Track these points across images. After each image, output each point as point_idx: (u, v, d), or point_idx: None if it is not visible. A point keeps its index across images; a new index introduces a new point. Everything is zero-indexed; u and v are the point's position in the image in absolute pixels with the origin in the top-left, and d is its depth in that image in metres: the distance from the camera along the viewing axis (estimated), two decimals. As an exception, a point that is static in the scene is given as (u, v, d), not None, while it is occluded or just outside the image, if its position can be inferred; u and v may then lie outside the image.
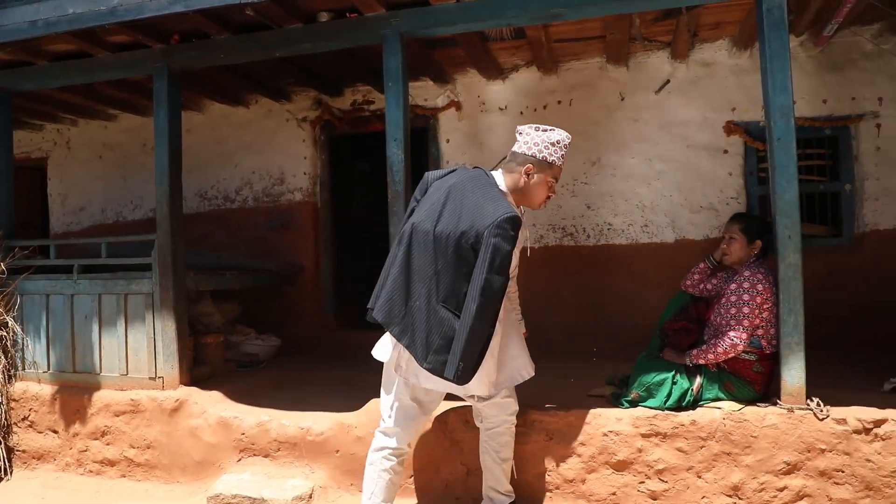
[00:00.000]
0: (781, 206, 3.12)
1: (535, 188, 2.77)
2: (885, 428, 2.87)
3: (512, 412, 3.01)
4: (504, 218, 2.47)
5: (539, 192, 2.79)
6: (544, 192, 2.80)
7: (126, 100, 5.64)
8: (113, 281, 4.24)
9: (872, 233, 4.82)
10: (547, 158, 2.74)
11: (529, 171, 2.74)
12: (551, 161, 2.75)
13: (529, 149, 2.76)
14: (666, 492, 3.09)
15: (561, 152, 2.78)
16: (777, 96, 3.15)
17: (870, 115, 4.81)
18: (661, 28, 4.54)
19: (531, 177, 2.75)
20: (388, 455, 2.86)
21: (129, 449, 3.99)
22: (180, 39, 4.05)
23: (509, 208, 2.53)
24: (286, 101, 5.89)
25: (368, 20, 3.71)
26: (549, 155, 2.75)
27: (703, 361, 3.17)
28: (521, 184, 2.76)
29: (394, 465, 2.87)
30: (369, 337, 5.60)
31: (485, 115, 5.52)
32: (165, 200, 4.12)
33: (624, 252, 5.22)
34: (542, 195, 2.81)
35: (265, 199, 6.01)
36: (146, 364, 4.14)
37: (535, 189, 2.78)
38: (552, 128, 2.79)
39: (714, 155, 5.06)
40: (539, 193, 2.79)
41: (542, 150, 2.74)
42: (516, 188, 2.77)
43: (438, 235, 2.56)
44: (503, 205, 2.54)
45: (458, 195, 2.63)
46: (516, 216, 2.51)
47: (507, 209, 2.51)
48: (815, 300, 3.37)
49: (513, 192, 2.78)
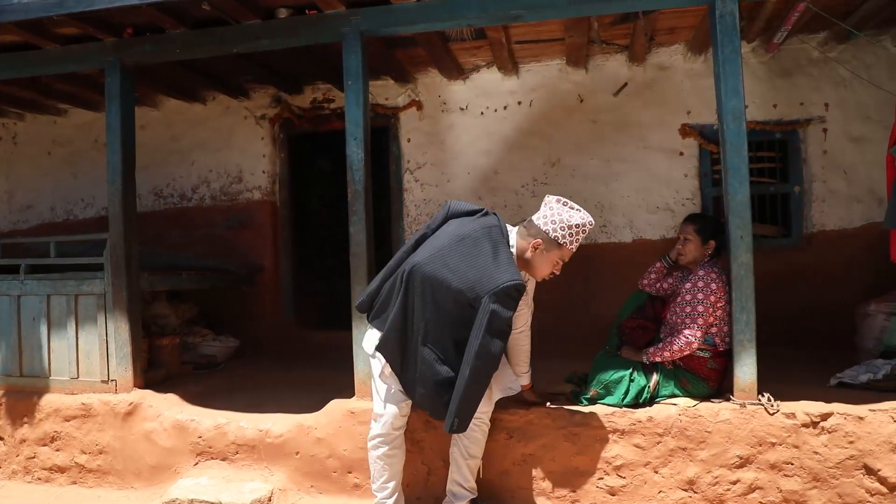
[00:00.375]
0: (734, 207, 3.20)
1: (540, 263, 2.85)
2: (830, 421, 2.98)
3: (484, 411, 3.04)
4: (508, 286, 2.57)
5: (544, 267, 2.87)
6: (549, 268, 2.87)
7: (76, 94, 5.47)
8: (62, 281, 4.12)
9: (819, 233, 5.00)
10: (559, 240, 2.81)
11: (538, 245, 2.82)
12: (562, 243, 2.82)
13: (545, 224, 2.82)
14: (624, 487, 3.15)
15: (578, 236, 2.84)
16: (729, 100, 3.24)
17: (817, 120, 4.99)
18: (619, 32, 4.61)
19: (538, 251, 2.83)
20: (378, 443, 3.01)
21: (80, 455, 3.87)
22: (134, 33, 3.95)
23: (515, 275, 2.63)
24: (244, 98, 5.79)
25: (328, 17, 3.68)
26: (562, 237, 2.81)
27: (660, 359, 3.24)
28: (528, 255, 2.84)
29: (385, 451, 3.00)
30: (330, 337, 5.64)
31: (446, 115, 5.53)
32: (118, 199, 4.01)
33: (583, 252, 5.26)
34: (546, 271, 2.88)
35: (223, 198, 5.90)
36: (98, 367, 4.02)
37: (541, 263, 2.86)
38: (578, 209, 2.85)
39: (670, 157, 5.17)
40: (543, 268, 2.87)
41: (557, 231, 2.81)
42: (523, 256, 2.86)
43: (440, 282, 2.68)
44: (509, 271, 2.64)
45: (468, 248, 2.72)
46: (520, 284, 2.61)
47: (511, 276, 2.61)
48: (766, 299, 3.48)
49: (520, 258, 2.86)
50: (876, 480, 2.92)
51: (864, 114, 4.91)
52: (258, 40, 3.83)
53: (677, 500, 3.09)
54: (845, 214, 4.97)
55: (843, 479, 2.95)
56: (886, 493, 2.91)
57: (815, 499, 2.97)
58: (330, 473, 3.45)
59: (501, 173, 5.41)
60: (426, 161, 5.56)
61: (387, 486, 3.04)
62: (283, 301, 5.86)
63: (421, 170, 5.57)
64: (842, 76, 4.91)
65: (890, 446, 2.91)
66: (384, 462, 3.02)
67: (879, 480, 2.92)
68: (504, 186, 5.41)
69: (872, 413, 2.96)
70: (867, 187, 4.92)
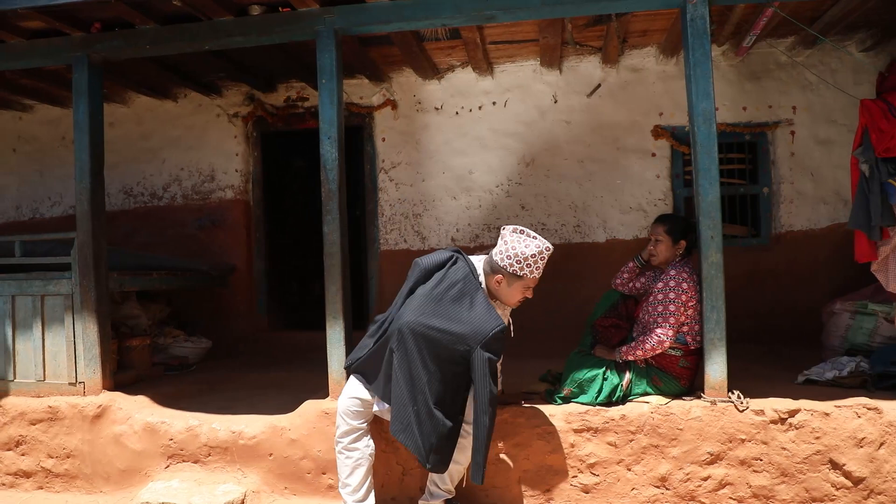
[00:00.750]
0: (704, 207, 3.25)
1: (507, 295, 3.01)
2: (798, 417, 3.04)
3: (469, 421, 3.03)
4: (494, 333, 2.77)
5: (512, 296, 3.01)
6: (518, 295, 3.02)
7: (43, 90, 5.35)
8: (28, 281, 4.02)
9: (787, 233, 5.11)
10: (517, 273, 2.93)
11: (500, 280, 2.97)
12: (521, 275, 2.93)
13: (502, 260, 2.94)
14: (598, 485, 3.18)
15: (536, 265, 2.94)
16: (700, 102, 3.29)
17: (785, 123, 5.10)
18: (593, 33, 4.66)
19: (502, 286, 2.98)
20: (346, 445, 3.07)
21: (46, 459, 3.79)
22: (102, 28, 3.87)
23: (497, 320, 2.82)
24: (217, 96, 5.72)
25: (302, 15, 3.65)
26: (520, 269, 2.92)
27: (632, 357, 3.28)
28: (494, 289, 3.02)
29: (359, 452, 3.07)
30: (303, 337, 5.60)
31: (420, 115, 5.52)
32: (86, 197, 3.94)
33: (557, 251, 5.29)
34: (516, 298, 3.03)
35: (195, 197, 5.82)
36: (66, 369, 3.94)
37: (508, 294, 3.01)
38: (534, 237, 2.96)
39: (643, 157, 5.23)
40: (512, 297, 3.02)
41: (514, 265, 2.92)
42: (490, 292, 3.04)
43: (431, 341, 2.80)
44: (491, 318, 2.82)
45: (451, 306, 2.87)
46: (503, 327, 2.81)
47: (494, 323, 2.79)
48: (736, 297, 3.55)
49: (490, 294, 3.04)
50: (841, 474, 2.99)
51: (829, 117, 5.03)
52: (231, 37, 3.78)
53: (650, 497, 3.13)
54: (812, 215, 5.09)
55: (809, 474, 3.02)
56: (851, 487, 2.98)
57: (783, 493, 3.03)
58: (304, 475, 3.43)
59: (476, 173, 5.43)
60: (401, 160, 5.55)
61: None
62: (257, 301, 5.81)
63: (396, 169, 5.56)
64: (808, 80, 5.02)
65: (854, 441, 2.98)
66: (355, 458, 3.09)
67: (844, 474, 2.99)
68: (479, 186, 5.42)
69: (838, 409, 3.03)
70: (833, 189, 5.04)
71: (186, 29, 3.80)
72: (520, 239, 2.95)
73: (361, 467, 3.09)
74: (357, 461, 3.08)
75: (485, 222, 5.40)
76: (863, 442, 2.98)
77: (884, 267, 3.69)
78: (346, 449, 3.09)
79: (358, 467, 3.08)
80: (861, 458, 2.98)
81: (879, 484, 2.96)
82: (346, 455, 3.09)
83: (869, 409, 3.01)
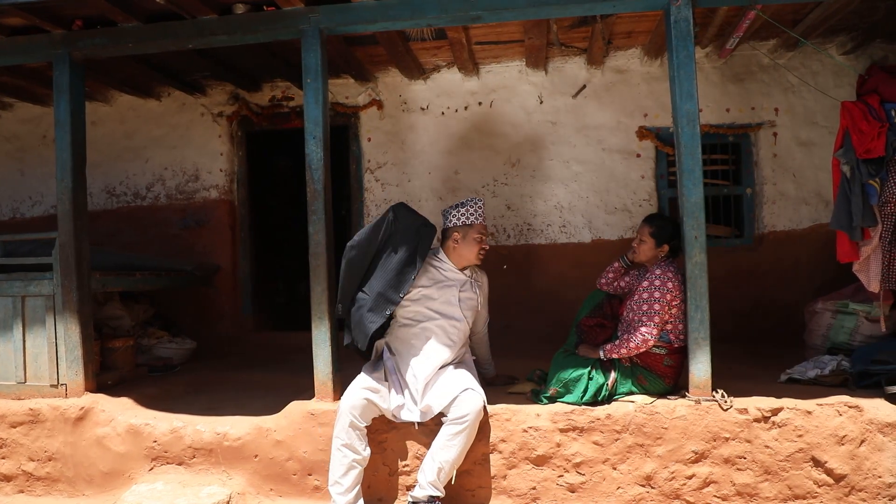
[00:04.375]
0: (688, 208, 3.28)
1: (467, 249, 3.43)
2: (781, 416, 3.08)
3: (458, 416, 3.11)
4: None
5: (471, 249, 3.43)
6: (475, 246, 3.43)
7: (23, 87, 5.27)
8: (8, 282, 3.97)
9: (770, 234, 5.16)
10: (465, 222, 3.43)
11: (456, 238, 3.43)
12: (469, 223, 3.42)
13: (449, 221, 3.47)
14: (583, 484, 3.19)
15: (474, 212, 3.44)
16: (684, 103, 3.31)
17: (767, 125, 5.15)
18: (578, 35, 4.68)
19: (459, 243, 3.42)
20: (345, 443, 3.16)
21: (27, 462, 3.74)
22: (84, 26, 3.83)
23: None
24: (201, 95, 5.67)
25: (287, 14, 3.63)
26: (466, 218, 3.43)
27: (616, 355, 3.29)
28: (455, 251, 3.44)
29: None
30: (289, 338, 5.58)
31: (406, 115, 5.52)
32: (68, 196, 3.89)
33: (543, 252, 5.35)
34: (475, 250, 3.44)
35: (179, 197, 5.77)
36: (47, 371, 3.90)
37: (467, 249, 3.43)
38: (461, 200, 3.57)
39: (627, 158, 5.27)
40: (472, 250, 3.43)
41: (459, 218, 3.44)
42: (453, 252, 3.45)
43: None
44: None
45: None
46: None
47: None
48: (719, 297, 3.58)
49: (452, 257, 3.46)
50: (823, 472, 3.03)
51: (811, 119, 5.10)
52: (215, 36, 3.75)
53: (635, 496, 3.15)
54: (794, 216, 5.14)
55: (792, 472, 3.05)
56: (833, 484, 3.02)
57: (766, 491, 3.07)
58: (290, 476, 3.41)
59: (462, 173, 5.43)
60: (387, 160, 5.54)
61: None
62: (242, 302, 5.77)
63: (381, 169, 5.55)
64: (791, 82, 5.08)
65: (836, 439, 3.02)
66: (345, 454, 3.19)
67: (826, 472, 3.03)
68: (464, 186, 5.42)
69: (820, 407, 3.07)
70: (815, 190, 5.10)
71: (170, 27, 3.77)
72: (451, 208, 3.49)
73: (355, 469, 3.12)
74: (353, 462, 3.10)
75: (471, 222, 5.40)
76: (844, 440, 3.02)
77: (865, 267, 3.74)
78: (346, 447, 3.09)
79: (352, 468, 3.10)
80: (842, 455, 3.02)
81: (860, 481, 3.01)
82: (343, 454, 3.09)
83: (850, 408, 3.05)
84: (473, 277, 3.53)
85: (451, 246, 3.44)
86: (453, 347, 3.38)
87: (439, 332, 3.36)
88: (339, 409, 3.20)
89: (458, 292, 3.43)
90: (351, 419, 3.13)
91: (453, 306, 3.39)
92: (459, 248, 3.42)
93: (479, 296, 3.53)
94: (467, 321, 3.45)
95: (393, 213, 3.35)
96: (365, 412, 3.17)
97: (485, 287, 3.61)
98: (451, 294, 3.41)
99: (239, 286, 5.77)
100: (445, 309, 3.39)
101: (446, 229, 3.46)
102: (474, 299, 3.49)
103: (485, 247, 3.45)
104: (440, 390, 3.20)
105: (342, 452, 3.11)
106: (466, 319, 3.44)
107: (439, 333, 3.35)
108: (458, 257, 3.44)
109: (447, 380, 3.25)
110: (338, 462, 3.12)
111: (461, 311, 3.41)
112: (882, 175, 3.59)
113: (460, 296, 3.43)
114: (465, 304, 3.43)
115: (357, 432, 3.14)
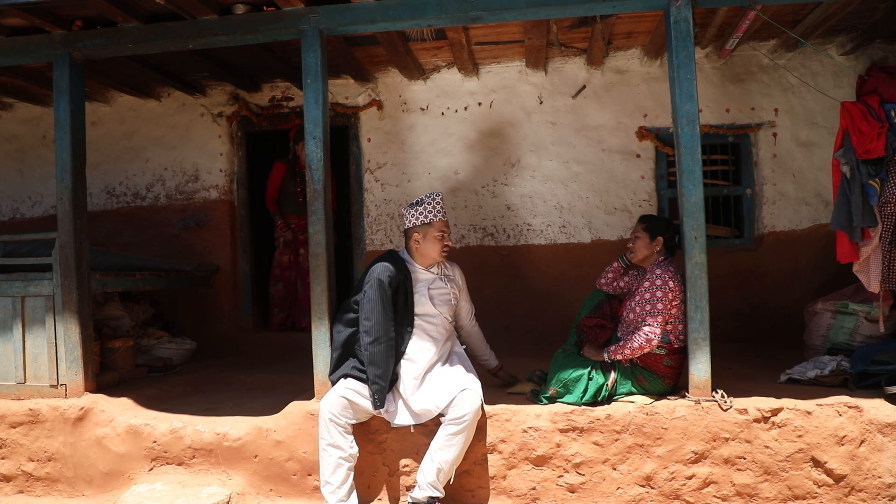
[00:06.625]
0: (688, 208, 3.28)
1: (429, 248, 3.44)
2: (781, 416, 3.08)
3: (456, 416, 3.12)
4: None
5: (433, 247, 3.43)
6: (437, 244, 3.43)
7: (23, 88, 5.27)
8: (8, 283, 3.97)
9: (770, 234, 5.16)
10: (424, 221, 3.41)
11: (417, 238, 3.44)
12: (428, 221, 3.41)
13: (409, 222, 3.46)
14: (583, 484, 3.19)
15: (431, 209, 3.42)
16: (684, 104, 3.31)
17: (767, 125, 5.15)
18: (578, 35, 4.68)
19: (420, 243, 3.43)
20: (330, 442, 3.18)
21: (27, 463, 3.74)
22: (84, 26, 3.83)
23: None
24: (201, 95, 5.67)
25: (286, 15, 3.63)
26: (425, 217, 3.41)
27: (620, 357, 3.29)
28: (417, 251, 3.46)
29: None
30: (289, 339, 5.56)
31: (406, 115, 5.51)
32: (67, 197, 3.89)
33: (543, 252, 5.34)
34: (437, 248, 3.43)
35: (178, 197, 5.76)
36: (47, 371, 3.89)
37: (430, 248, 3.44)
38: (419, 198, 3.50)
39: (627, 158, 5.27)
40: (434, 248, 3.43)
41: (412, 219, 3.43)
42: (416, 253, 3.47)
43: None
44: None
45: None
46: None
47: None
48: (719, 297, 3.58)
49: (416, 257, 3.48)
50: (823, 472, 3.03)
51: (811, 119, 5.09)
52: (215, 36, 3.75)
53: (635, 496, 3.15)
54: (794, 216, 5.14)
55: (792, 472, 3.05)
56: (833, 485, 3.02)
57: (766, 491, 3.07)
58: (289, 476, 3.41)
59: (462, 174, 5.43)
60: (387, 161, 5.54)
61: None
62: (241, 302, 5.77)
63: (381, 170, 5.55)
64: (790, 83, 5.08)
65: (836, 439, 3.02)
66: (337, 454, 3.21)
67: (826, 472, 3.03)
68: (464, 187, 5.42)
69: (819, 408, 3.07)
70: (814, 190, 5.10)
71: (170, 28, 3.77)
72: (409, 206, 3.47)
73: (342, 467, 3.13)
74: (339, 460, 3.10)
75: (471, 223, 5.41)
76: (844, 440, 3.02)
77: (865, 267, 3.74)
78: (330, 446, 3.11)
79: (339, 466, 3.12)
80: (842, 455, 3.02)
81: (860, 481, 3.01)
82: (328, 453, 3.11)
83: (850, 408, 3.06)
84: (441, 272, 3.54)
85: (413, 247, 3.46)
86: (437, 343, 3.40)
87: (418, 331, 3.39)
88: (319, 410, 3.24)
89: (428, 290, 3.45)
90: (329, 416, 3.17)
91: (426, 304, 3.43)
92: (422, 248, 3.43)
93: (452, 288, 3.54)
94: (444, 315, 3.47)
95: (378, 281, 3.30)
96: (345, 410, 3.19)
97: (457, 278, 3.62)
98: (421, 293, 3.44)
99: (238, 286, 5.76)
100: (418, 308, 3.42)
101: (406, 230, 3.47)
102: (447, 292, 3.50)
103: (447, 243, 3.45)
104: (437, 391, 3.21)
105: (328, 452, 3.16)
106: (442, 314, 3.46)
107: (419, 332, 3.39)
108: (422, 257, 3.46)
109: (443, 380, 3.26)
110: (325, 462, 3.16)
111: (434, 306, 3.44)
112: (882, 175, 3.60)
113: (431, 293, 3.45)
114: (437, 298, 3.46)
115: (339, 429, 3.16)
